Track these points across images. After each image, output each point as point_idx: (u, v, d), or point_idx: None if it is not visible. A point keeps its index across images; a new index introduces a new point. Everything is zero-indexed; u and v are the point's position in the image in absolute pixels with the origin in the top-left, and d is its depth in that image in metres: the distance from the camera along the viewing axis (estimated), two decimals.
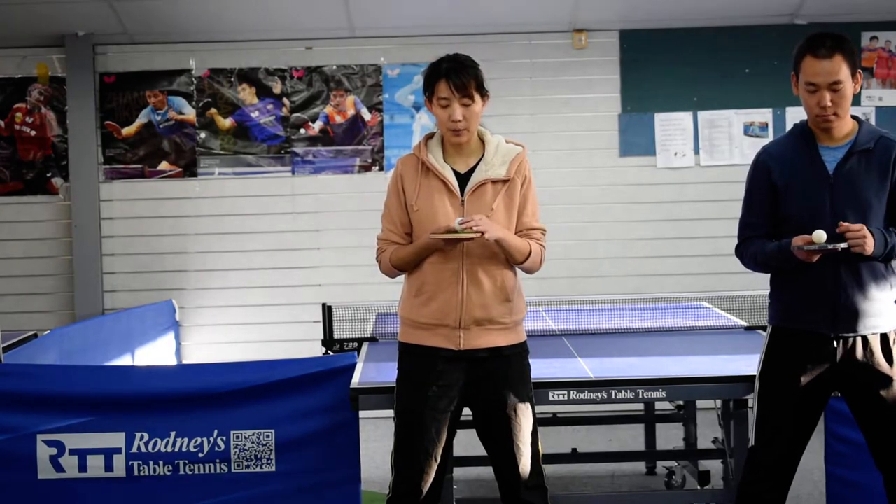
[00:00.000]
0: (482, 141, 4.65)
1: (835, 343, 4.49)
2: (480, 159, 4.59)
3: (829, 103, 4.40)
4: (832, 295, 4.47)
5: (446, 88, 4.46)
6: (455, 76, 4.45)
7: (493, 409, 4.59)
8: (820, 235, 4.28)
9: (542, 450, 4.69)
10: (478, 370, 4.57)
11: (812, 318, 4.51)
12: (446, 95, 4.46)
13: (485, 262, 4.54)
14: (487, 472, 7.32)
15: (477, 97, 4.50)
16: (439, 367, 4.54)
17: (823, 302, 4.48)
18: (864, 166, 4.48)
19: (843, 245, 4.28)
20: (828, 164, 4.51)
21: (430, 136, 4.70)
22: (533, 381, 4.87)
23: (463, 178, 4.57)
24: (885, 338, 4.51)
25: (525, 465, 4.59)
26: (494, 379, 4.57)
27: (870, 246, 4.31)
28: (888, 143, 4.51)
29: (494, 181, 4.56)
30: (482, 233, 4.34)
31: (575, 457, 7.07)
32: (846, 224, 4.33)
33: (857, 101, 8.56)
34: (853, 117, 4.58)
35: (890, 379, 4.48)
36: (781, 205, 4.59)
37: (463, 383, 4.58)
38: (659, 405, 7.20)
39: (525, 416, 4.60)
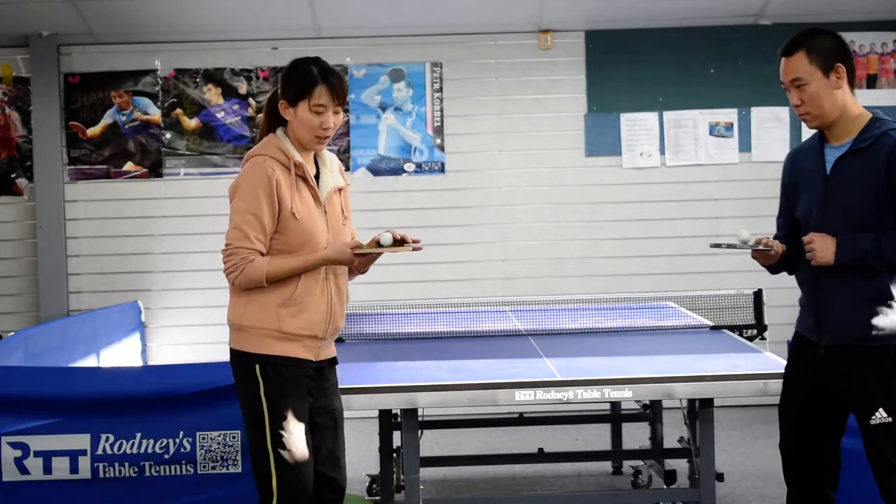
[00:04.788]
0: None
1: (821, 351, 4.34)
2: (317, 167, 4.47)
3: (798, 101, 4.30)
4: (813, 301, 4.36)
5: (328, 95, 4.28)
6: (338, 84, 4.31)
7: (326, 417, 4.47)
8: (743, 234, 4.33)
9: None
10: (320, 380, 4.46)
11: (805, 323, 4.43)
12: (325, 102, 4.28)
13: (341, 274, 4.46)
14: (454, 472, 7.37)
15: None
16: (307, 378, 4.38)
17: (810, 308, 4.39)
18: (857, 165, 4.25)
19: (760, 246, 4.33)
20: (828, 164, 4.35)
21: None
22: (498, 381, 4.85)
23: None
24: (871, 353, 4.23)
25: (344, 469, 4.55)
26: (331, 388, 4.52)
27: (822, 255, 4.22)
28: (885, 142, 4.21)
29: (338, 189, 4.49)
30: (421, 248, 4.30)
31: (541, 456, 7.09)
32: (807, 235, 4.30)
33: None
34: (871, 112, 4.38)
35: (868, 399, 4.20)
36: (793, 205, 4.52)
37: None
38: (625, 404, 7.22)
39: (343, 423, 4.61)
